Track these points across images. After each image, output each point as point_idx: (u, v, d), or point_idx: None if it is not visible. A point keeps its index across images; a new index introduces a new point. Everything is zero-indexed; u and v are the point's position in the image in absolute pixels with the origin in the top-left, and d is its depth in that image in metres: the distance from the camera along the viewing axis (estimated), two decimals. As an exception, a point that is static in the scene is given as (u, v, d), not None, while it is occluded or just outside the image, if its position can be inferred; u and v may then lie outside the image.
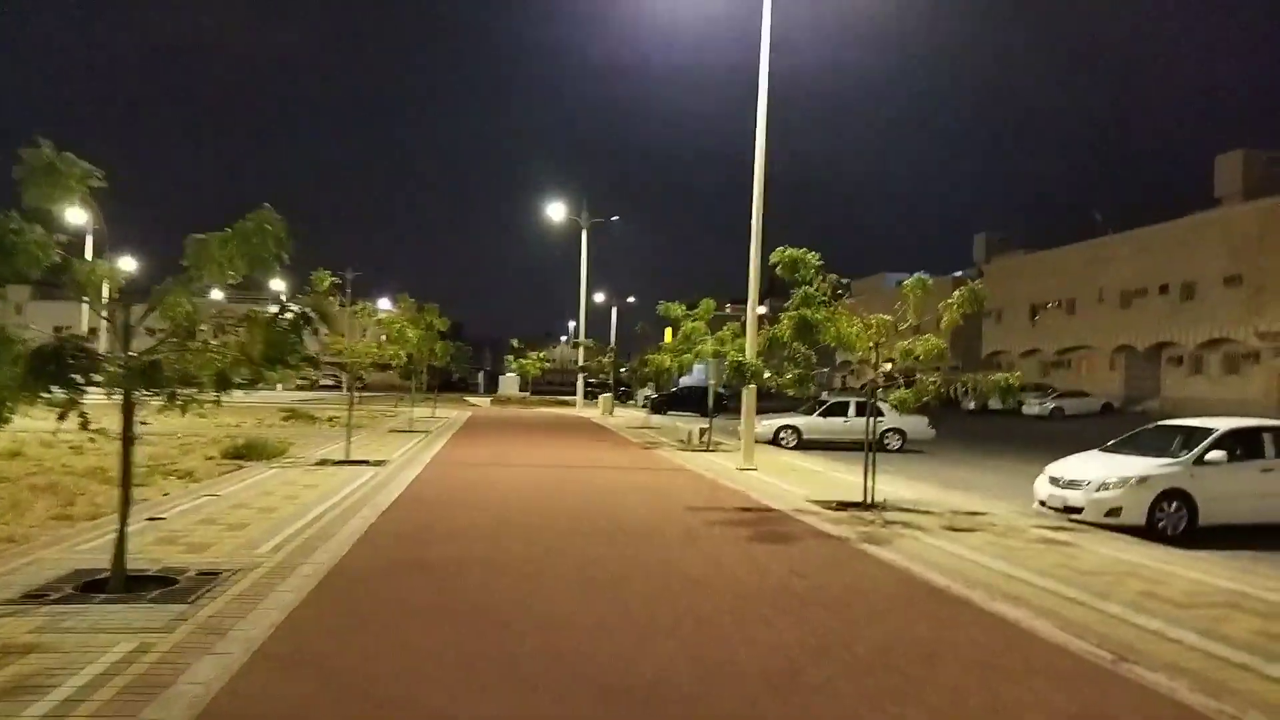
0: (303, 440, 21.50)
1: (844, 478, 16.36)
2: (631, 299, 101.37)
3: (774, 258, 12.66)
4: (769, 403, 62.99)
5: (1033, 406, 48.46)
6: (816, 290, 12.15)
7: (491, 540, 9.41)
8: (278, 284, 11.89)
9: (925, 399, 11.94)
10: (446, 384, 76.19)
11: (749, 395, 17.67)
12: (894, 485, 14.80)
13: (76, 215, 7.19)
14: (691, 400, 45.91)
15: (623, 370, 45.44)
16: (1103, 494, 11.41)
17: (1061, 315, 59.26)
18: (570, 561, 8.53)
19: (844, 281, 12.64)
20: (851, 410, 25.18)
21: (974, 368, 68.66)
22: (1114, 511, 11.24)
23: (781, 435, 24.99)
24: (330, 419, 30.59)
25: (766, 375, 12.95)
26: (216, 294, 8.57)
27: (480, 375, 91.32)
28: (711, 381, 22.39)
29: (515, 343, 51.42)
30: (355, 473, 14.80)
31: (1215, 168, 55.11)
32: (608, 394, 43.43)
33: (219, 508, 10.73)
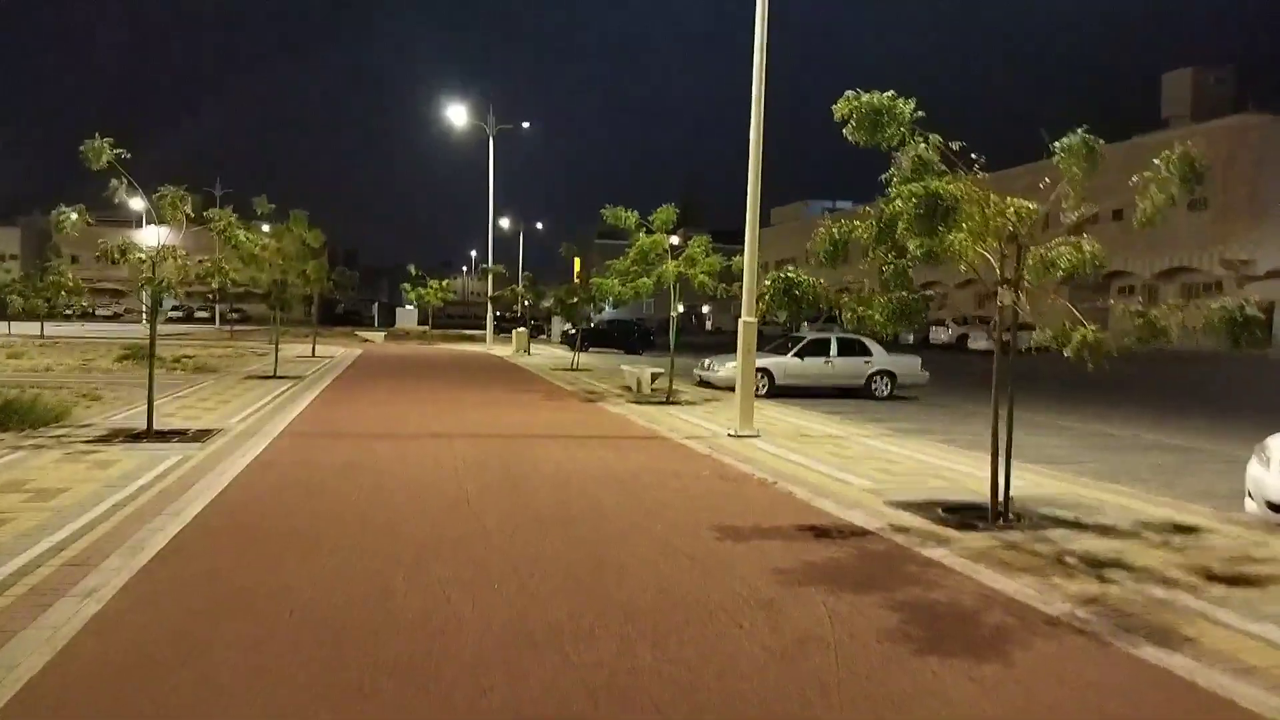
0: (116, 392, 15.55)
1: (886, 448, 11.64)
2: (540, 224, 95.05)
3: (841, 107, 7.62)
4: (693, 338, 58.52)
5: (979, 340, 45.28)
6: (931, 153, 7.17)
7: (354, 692, 4.18)
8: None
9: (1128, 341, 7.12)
10: (334, 316, 69.07)
11: (747, 331, 12.70)
12: (943, 457, 10.21)
13: None
14: (614, 336, 40.97)
15: (538, 303, 39.83)
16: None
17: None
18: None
19: (957, 148, 7.62)
20: (834, 348, 20.60)
21: (905, 300, 65.68)
22: None
23: (750, 380, 20.15)
24: (178, 359, 24.36)
25: (849, 303, 7.80)
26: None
27: (375, 307, 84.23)
28: (674, 313, 17.30)
29: (413, 270, 45.08)
30: (153, 457, 9.25)
31: (1162, 86, 52.47)
32: (522, 329, 37.93)
33: None
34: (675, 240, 17.48)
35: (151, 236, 10.59)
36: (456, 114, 38.45)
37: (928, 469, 10.13)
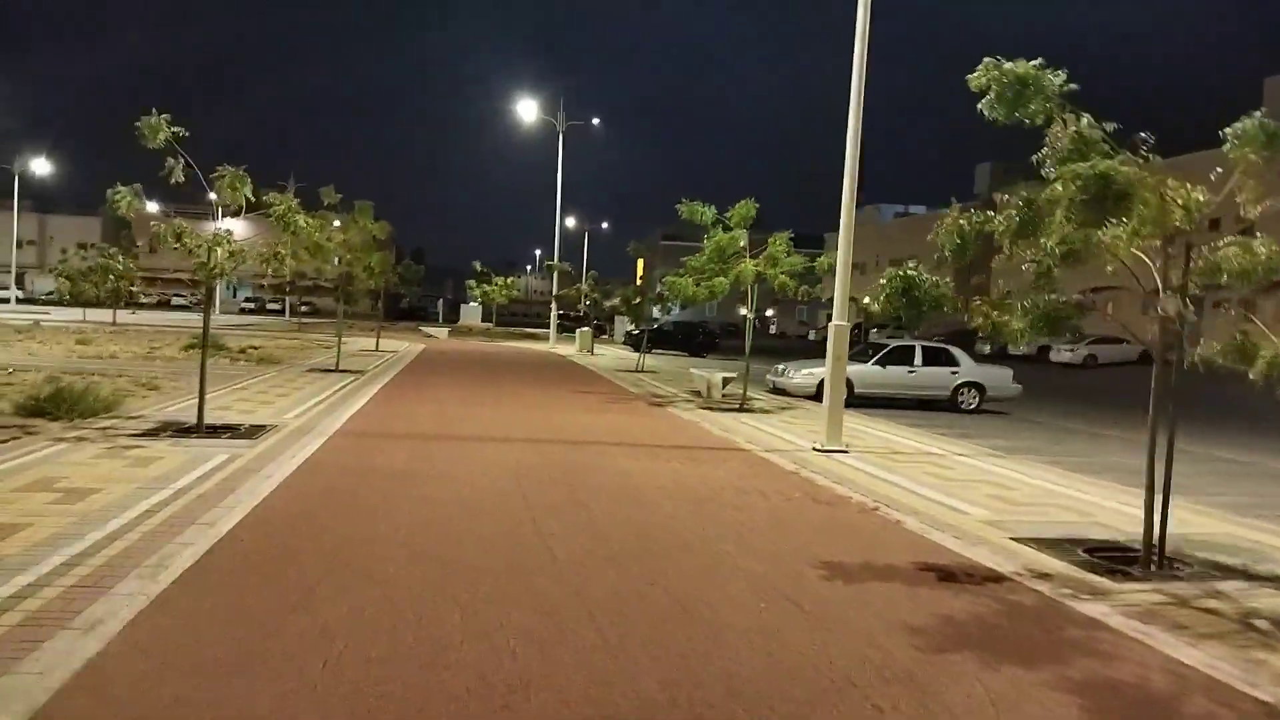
0: (176, 383, 15.13)
1: (992, 469, 10.45)
2: (605, 225, 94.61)
3: (977, 77, 6.58)
4: (759, 342, 57.15)
5: (1062, 353, 43.23)
6: (1092, 130, 6.07)
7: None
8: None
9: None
10: (399, 311, 69.42)
11: (839, 336, 11.64)
12: (1061, 483, 8.98)
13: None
14: (678, 338, 39.96)
15: (600, 302, 38.95)
16: None
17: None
18: None
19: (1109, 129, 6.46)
20: (918, 356, 19.31)
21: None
22: None
23: (827, 388, 19.00)
24: (243, 350, 24.13)
25: (980, 308, 6.70)
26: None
27: (440, 303, 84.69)
28: (750, 315, 16.23)
29: (478, 266, 44.73)
30: (198, 455, 8.59)
31: (1265, 90, 49.44)
32: (586, 329, 37.18)
33: None
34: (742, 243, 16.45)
35: (225, 227, 9.96)
36: (526, 109, 37.90)
37: (1048, 497, 8.94)
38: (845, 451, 11.17)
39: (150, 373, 16.92)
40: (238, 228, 10.23)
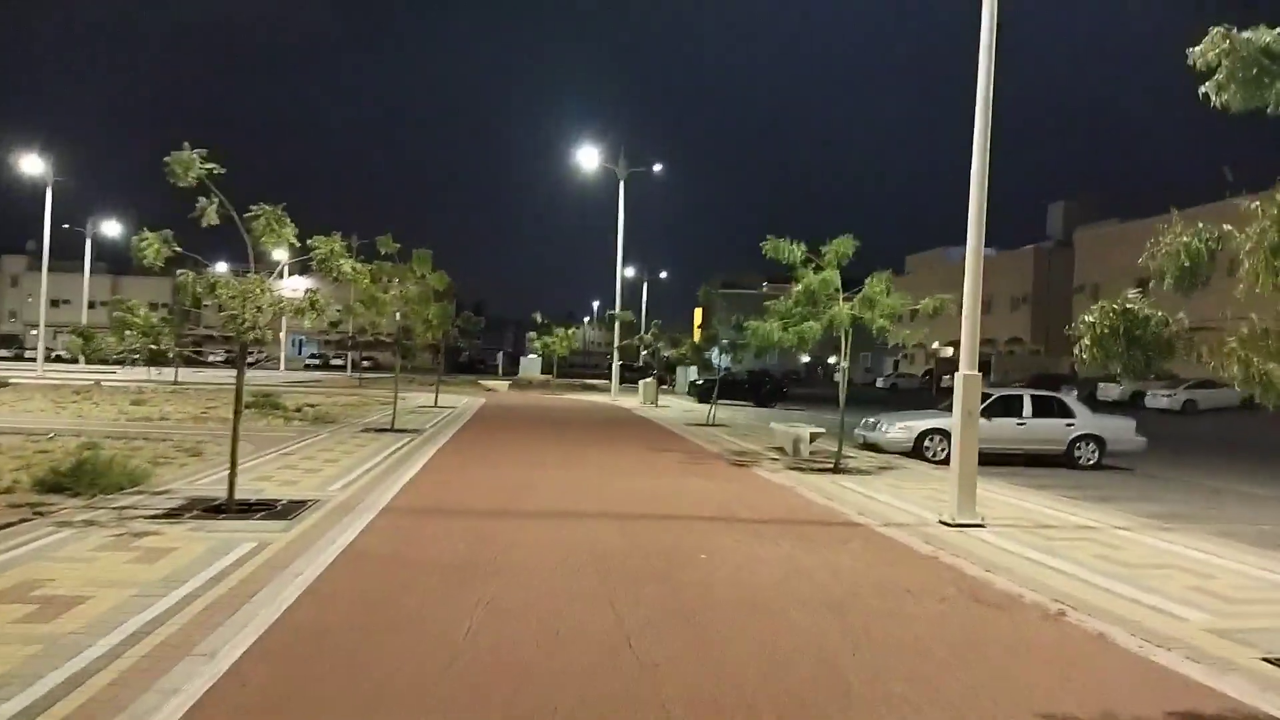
0: (221, 447, 13.95)
1: (1168, 548, 8.51)
2: (664, 274, 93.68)
3: (1204, 51, 4.97)
4: (822, 390, 56.09)
5: (1158, 398, 40.38)
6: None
7: None
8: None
9: None
10: (458, 365, 68.92)
11: (969, 388, 9.91)
12: (1264, 565, 7.05)
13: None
14: (745, 388, 38.22)
15: (661, 352, 37.36)
16: None
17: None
18: None
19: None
20: (1027, 406, 17.33)
21: (1061, 351, 60.29)
22: None
23: (927, 444, 17.14)
24: (299, 408, 23.18)
25: (1236, 349, 5.05)
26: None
27: (499, 356, 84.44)
28: (844, 364, 14.47)
29: (538, 318, 43.71)
30: (220, 544, 7.20)
31: (1369, 116, 46.32)
32: (649, 379, 35.69)
33: None
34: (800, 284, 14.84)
35: (289, 287, 8.78)
36: (587, 156, 37.04)
37: (1260, 588, 7.05)
38: (982, 526, 9.36)
39: (197, 437, 15.82)
40: (300, 284, 9.03)
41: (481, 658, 4.78)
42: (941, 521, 9.55)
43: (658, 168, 40.09)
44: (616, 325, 39.43)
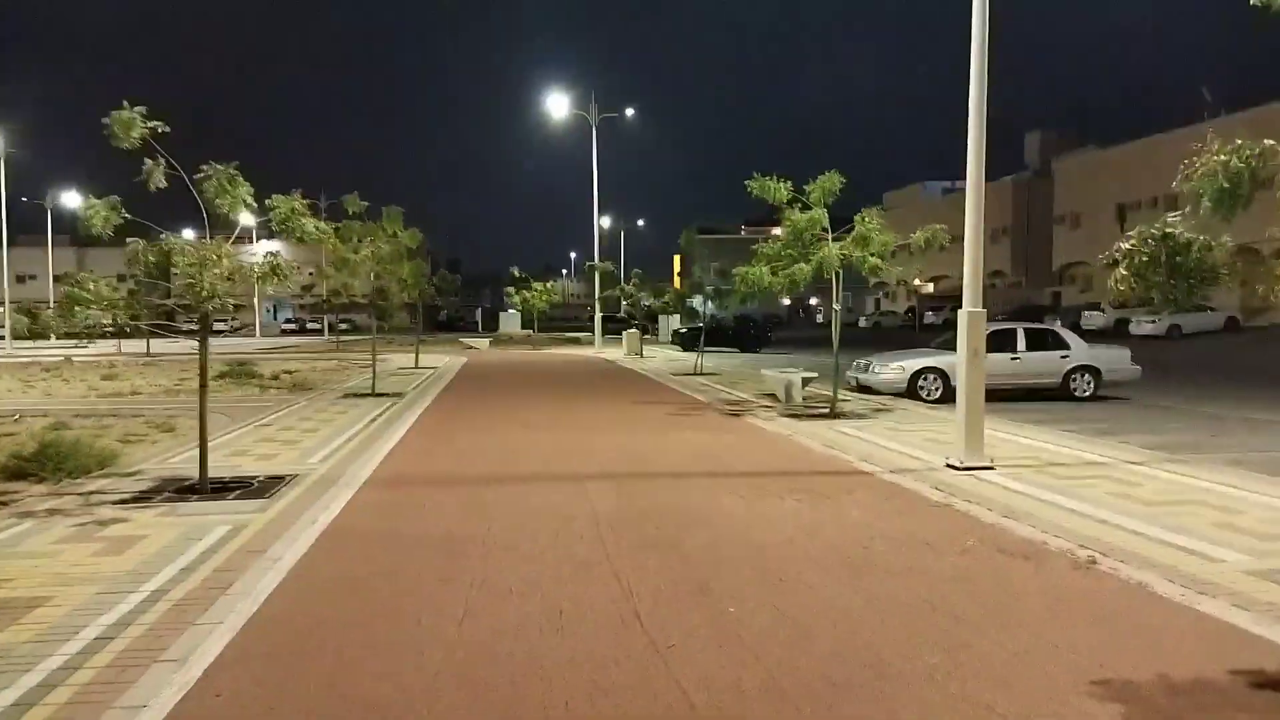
0: (195, 421, 13.41)
1: (1186, 482, 8.19)
2: (640, 222, 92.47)
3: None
4: (804, 332, 55.14)
5: (1143, 325, 40.32)
6: None
7: None
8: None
9: None
10: (437, 324, 68.10)
11: (973, 325, 9.53)
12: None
13: None
14: (729, 335, 37.75)
15: (642, 302, 36.72)
16: None
17: (1157, 217, 49.91)
18: None
19: None
20: (1021, 341, 17.03)
21: (1042, 282, 60.22)
22: None
23: (921, 383, 16.83)
24: (275, 376, 22.59)
25: None
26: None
27: (478, 313, 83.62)
28: (836, 305, 14.06)
29: (516, 272, 43.01)
30: (192, 529, 6.74)
31: (1348, 30, 45.84)
32: (633, 330, 35.20)
33: None
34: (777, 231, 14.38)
35: (259, 252, 8.16)
36: (557, 104, 36.04)
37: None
38: (991, 468, 9.04)
39: (169, 411, 15.26)
40: (270, 249, 8.45)
41: (480, 648, 4.37)
42: (949, 465, 9.23)
43: (630, 112, 39.15)
44: (597, 276, 38.83)
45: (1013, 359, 16.83)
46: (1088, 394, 16.85)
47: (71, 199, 55.71)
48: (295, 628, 4.70)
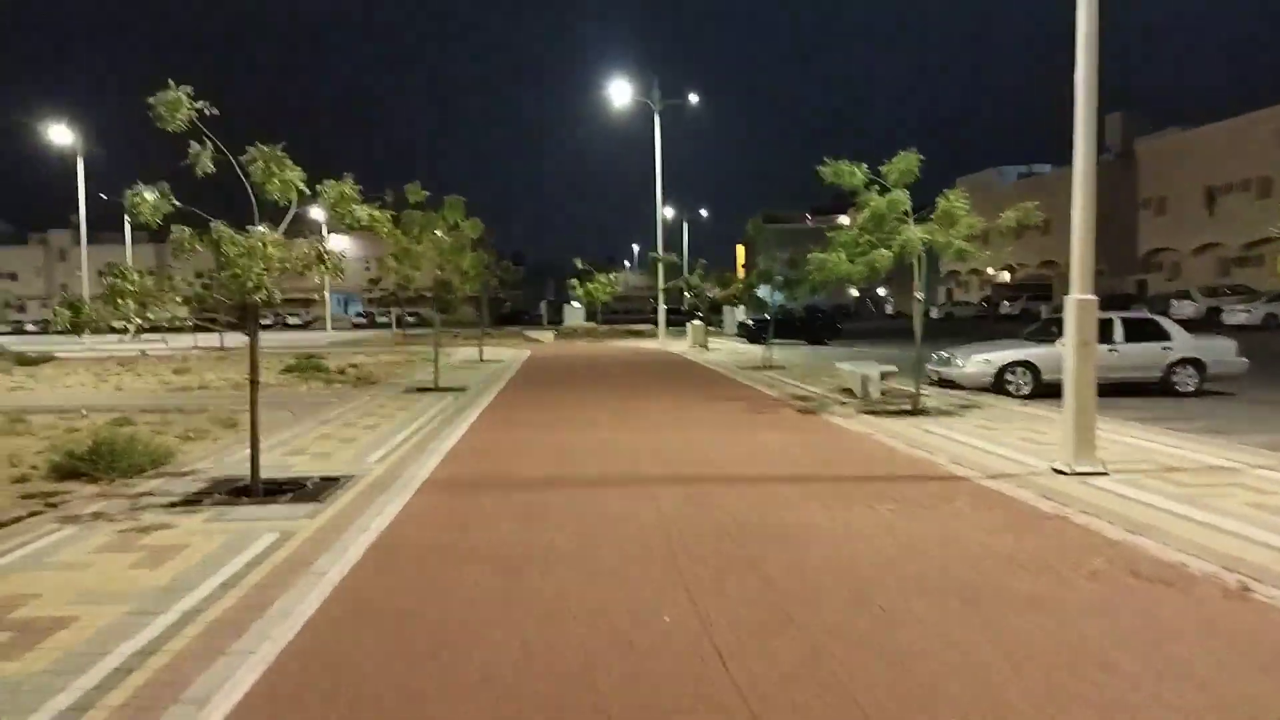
0: (260, 417, 13.17)
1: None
2: (704, 212, 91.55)
3: None
4: (872, 324, 53.96)
5: (1235, 314, 38.07)
6: None
7: None
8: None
9: None
10: (501, 316, 68.24)
11: (1082, 314, 8.65)
12: None
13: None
14: (796, 326, 36.71)
15: (705, 293, 35.87)
16: None
17: (1248, 200, 47.50)
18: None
19: None
20: (1118, 331, 15.85)
21: (1128, 269, 57.56)
22: None
23: (1009, 378, 15.79)
24: (342, 370, 22.52)
25: None
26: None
27: (542, 305, 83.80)
28: (918, 295, 13.14)
29: (579, 263, 42.59)
30: (238, 537, 6.32)
31: None
32: (698, 322, 34.47)
33: None
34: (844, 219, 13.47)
35: (331, 245, 7.77)
36: (620, 91, 35.42)
37: None
38: (1105, 474, 8.15)
39: (235, 407, 15.11)
40: (340, 243, 8.03)
41: (541, 696, 3.77)
42: (1056, 470, 8.36)
43: (694, 99, 38.33)
44: (660, 268, 38.20)
45: (1110, 350, 15.65)
46: (1191, 389, 15.63)
47: (148, 196, 57.08)
48: (332, 662, 4.17)
